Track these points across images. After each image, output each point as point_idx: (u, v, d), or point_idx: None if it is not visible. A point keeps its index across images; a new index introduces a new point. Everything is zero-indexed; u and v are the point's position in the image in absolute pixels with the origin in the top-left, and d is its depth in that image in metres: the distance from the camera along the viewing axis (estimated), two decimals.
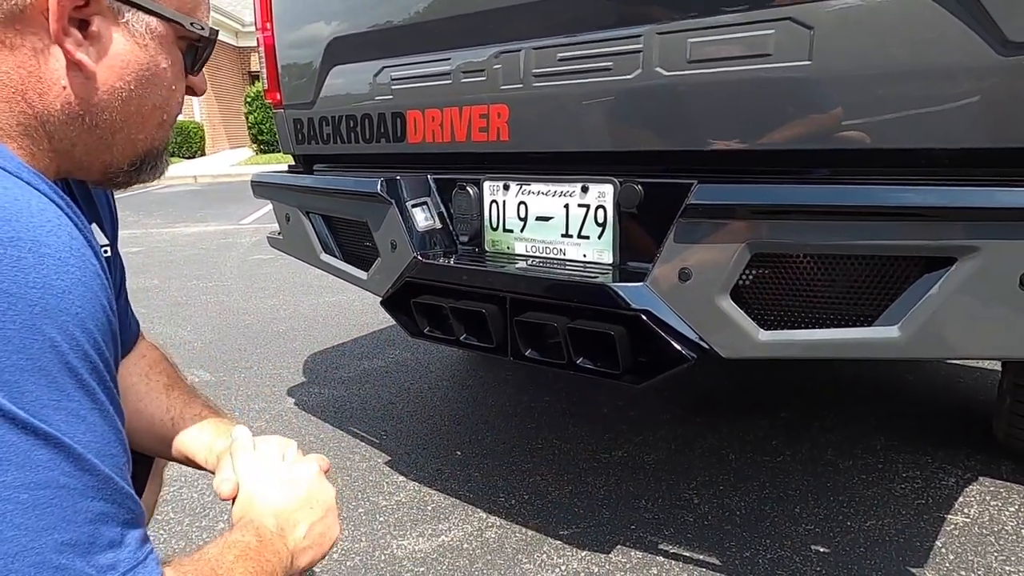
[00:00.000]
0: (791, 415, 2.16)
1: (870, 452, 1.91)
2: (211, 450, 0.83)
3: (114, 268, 0.84)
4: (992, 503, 1.66)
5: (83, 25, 0.57)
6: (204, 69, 0.72)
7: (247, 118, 14.77)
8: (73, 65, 0.57)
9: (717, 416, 2.17)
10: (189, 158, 15.82)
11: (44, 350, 0.46)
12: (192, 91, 0.71)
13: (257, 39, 1.87)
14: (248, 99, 14.64)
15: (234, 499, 0.74)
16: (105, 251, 0.79)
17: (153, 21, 0.61)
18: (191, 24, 0.64)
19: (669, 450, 1.97)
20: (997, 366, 2.14)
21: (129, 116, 0.63)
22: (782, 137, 1.07)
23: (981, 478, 1.77)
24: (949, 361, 2.52)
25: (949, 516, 1.62)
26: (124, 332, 0.90)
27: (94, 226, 0.78)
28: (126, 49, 0.60)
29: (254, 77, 18.64)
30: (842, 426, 2.07)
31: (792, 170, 1.09)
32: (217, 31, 0.69)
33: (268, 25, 1.80)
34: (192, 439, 0.85)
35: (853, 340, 1.00)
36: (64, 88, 0.58)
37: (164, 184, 11.62)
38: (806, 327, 1.05)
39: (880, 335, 0.98)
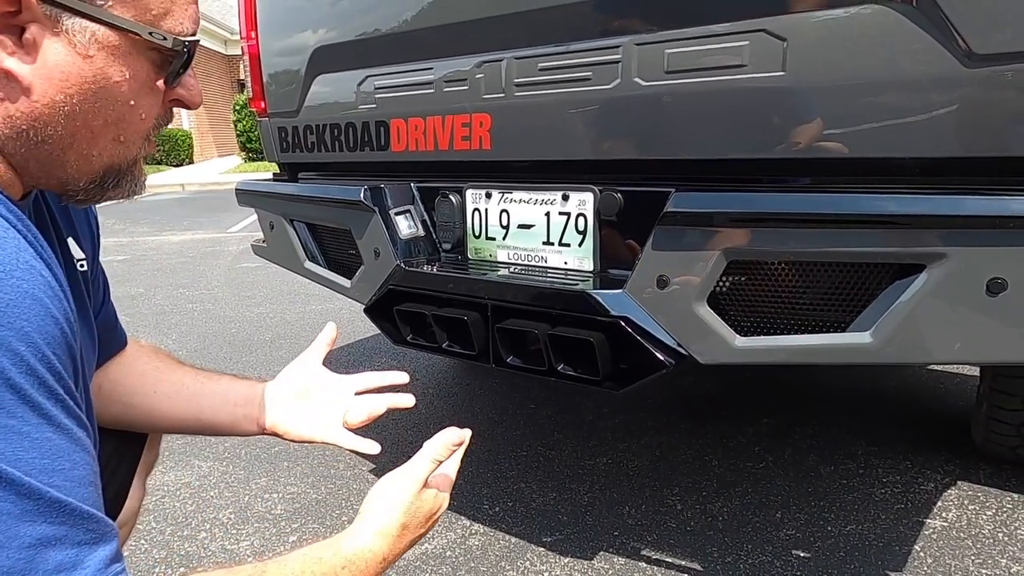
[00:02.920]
0: (774, 421, 2.18)
1: (851, 457, 1.93)
2: (257, 396, 0.90)
3: (95, 282, 0.84)
4: (970, 507, 1.68)
5: (19, 32, 0.53)
6: (197, 78, 0.67)
7: (236, 126, 14.75)
8: (5, 75, 0.54)
9: (701, 423, 2.18)
10: (177, 166, 15.75)
11: None
12: (182, 103, 0.66)
13: (242, 48, 1.88)
14: (237, 107, 14.62)
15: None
16: (81, 265, 0.78)
17: (100, 30, 0.55)
18: (149, 34, 0.58)
19: (653, 457, 1.98)
20: (975, 372, 2.17)
21: (76, 132, 0.58)
22: (757, 146, 1.09)
23: (959, 482, 1.79)
24: (928, 367, 2.55)
25: (928, 520, 1.63)
26: (111, 341, 0.90)
27: (70, 240, 0.76)
28: (66, 60, 0.55)
29: (243, 85, 18.60)
30: (824, 432, 2.09)
31: (767, 178, 1.11)
32: (186, 42, 0.61)
33: (253, 34, 1.81)
34: (236, 386, 0.91)
35: (826, 346, 1.01)
36: (2, 100, 0.55)
37: (151, 192, 11.56)
38: (781, 333, 1.07)
39: (852, 340, 0.99)
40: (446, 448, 0.78)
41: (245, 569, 0.60)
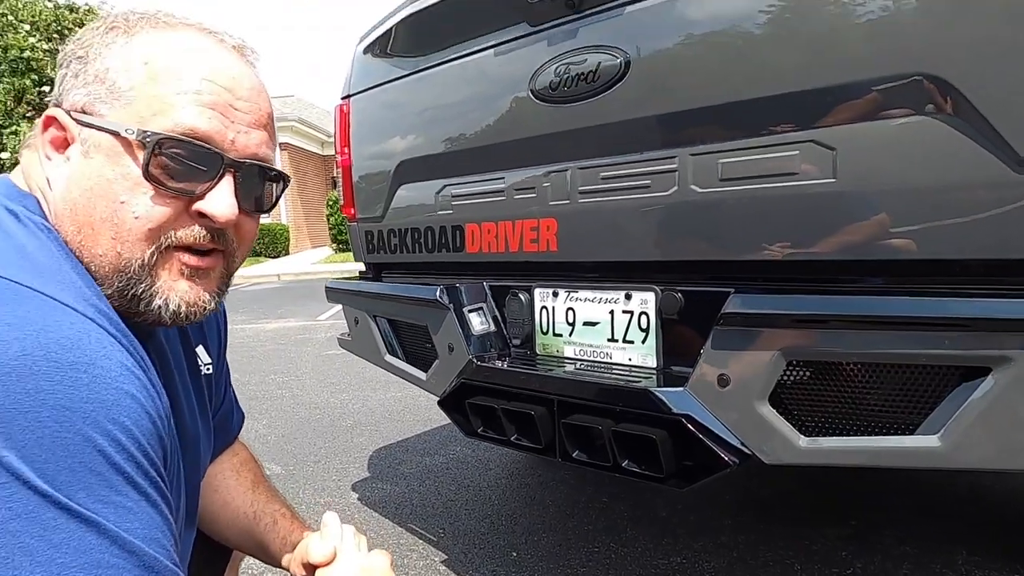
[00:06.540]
0: (862, 523, 2.05)
1: (951, 567, 1.79)
2: (285, 542, 0.91)
3: (218, 381, 0.96)
4: None
5: (65, 145, 0.66)
6: (234, 193, 0.68)
7: (328, 220, 15.79)
8: (47, 181, 0.67)
9: (781, 523, 2.09)
10: (274, 257, 16.89)
11: (94, 455, 0.54)
12: (206, 215, 0.67)
13: (336, 161, 2.09)
14: (330, 202, 15.70)
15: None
16: (207, 369, 0.89)
17: (95, 133, 0.64)
18: (126, 131, 0.63)
19: (730, 558, 1.90)
20: None
21: (80, 227, 0.64)
22: (811, 249, 1.12)
23: None
24: None
25: None
26: (225, 431, 1.01)
27: (200, 348, 0.88)
28: (79, 161, 0.65)
29: (336, 182, 19.99)
30: (918, 537, 1.95)
31: (823, 280, 1.13)
32: (149, 134, 0.63)
33: (346, 149, 2.02)
34: (270, 532, 0.94)
35: (893, 448, 1.00)
36: (49, 203, 0.67)
37: (251, 282, 12.40)
38: (847, 434, 1.06)
39: (921, 444, 0.97)
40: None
41: None
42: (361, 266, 2.19)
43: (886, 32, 1.03)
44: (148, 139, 0.63)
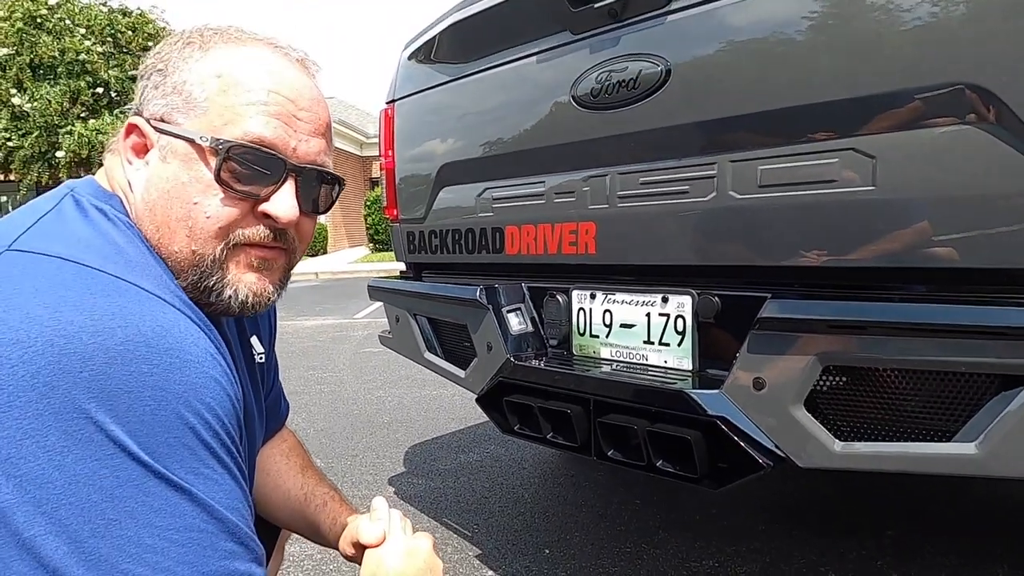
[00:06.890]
0: (899, 533, 2.03)
1: None
2: (335, 523, 0.97)
3: (268, 369, 1.02)
4: None
5: (145, 150, 0.73)
6: (296, 195, 0.72)
7: (366, 220, 16.02)
8: (128, 183, 0.73)
9: (816, 530, 2.08)
10: (313, 256, 17.21)
11: (186, 431, 0.59)
12: (270, 216, 0.72)
13: (380, 164, 2.16)
14: (368, 203, 15.94)
15: (360, 560, 0.87)
16: (260, 357, 0.96)
17: (172, 140, 0.70)
18: (200, 138, 0.69)
19: (763, 563, 1.90)
20: None
21: (159, 226, 0.70)
22: (849, 256, 1.13)
23: None
24: None
25: None
26: (274, 417, 1.07)
27: (253, 338, 0.95)
28: (157, 166, 0.71)
29: (375, 183, 20.31)
30: (958, 551, 1.93)
31: (860, 287, 1.14)
32: (221, 141, 0.69)
33: (390, 153, 2.08)
34: (320, 512, 1.00)
35: (929, 455, 1.00)
36: (131, 203, 0.73)
37: (290, 279, 12.66)
38: (882, 440, 1.07)
39: (958, 452, 0.98)
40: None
41: None
42: (401, 266, 2.25)
43: (929, 40, 1.04)
44: (220, 146, 0.69)
